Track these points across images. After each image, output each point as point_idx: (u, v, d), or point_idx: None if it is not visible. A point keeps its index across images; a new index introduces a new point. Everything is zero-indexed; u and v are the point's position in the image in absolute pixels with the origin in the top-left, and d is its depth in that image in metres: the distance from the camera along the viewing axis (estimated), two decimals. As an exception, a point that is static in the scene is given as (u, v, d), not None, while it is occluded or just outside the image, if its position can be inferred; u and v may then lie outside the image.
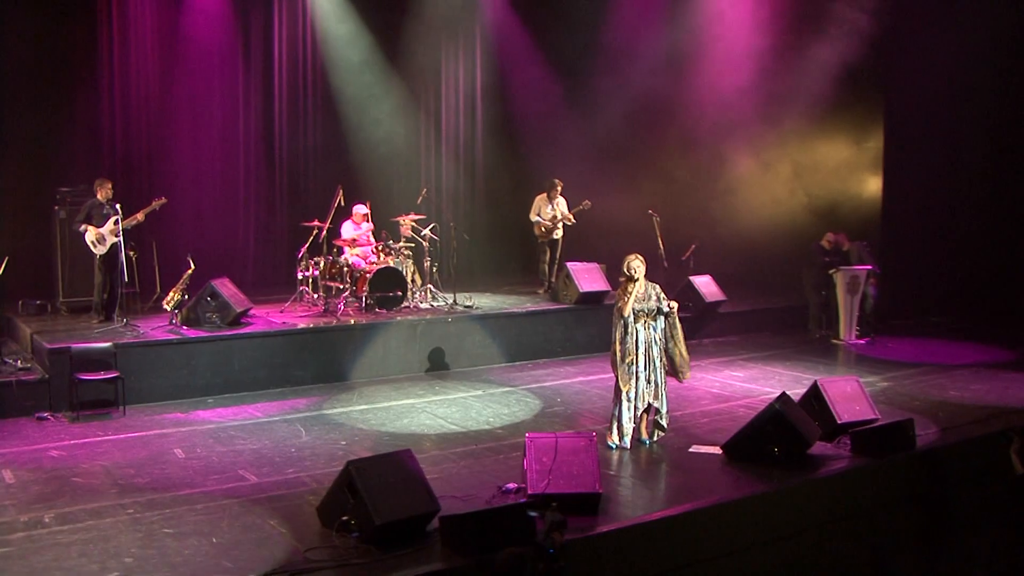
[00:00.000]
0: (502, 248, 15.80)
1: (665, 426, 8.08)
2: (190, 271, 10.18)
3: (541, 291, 13.24)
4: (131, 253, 10.68)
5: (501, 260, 15.76)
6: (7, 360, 9.23)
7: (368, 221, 12.21)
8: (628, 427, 7.88)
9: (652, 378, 7.83)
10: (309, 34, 14.49)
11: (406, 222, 12.21)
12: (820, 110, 14.15)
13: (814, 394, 8.26)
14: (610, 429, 7.96)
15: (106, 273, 10.36)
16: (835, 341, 12.91)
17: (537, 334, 11.91)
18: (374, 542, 5.55)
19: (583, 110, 15.52)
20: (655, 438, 8.07)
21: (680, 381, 8.12)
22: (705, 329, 13.20)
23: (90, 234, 10.21)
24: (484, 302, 12.42)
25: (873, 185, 14.63)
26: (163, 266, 11.61)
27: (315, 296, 11.45)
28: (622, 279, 7.94)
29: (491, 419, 8.88)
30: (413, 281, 12.01)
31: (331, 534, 5.70)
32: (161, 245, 11.81)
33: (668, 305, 7.96)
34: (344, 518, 5.70)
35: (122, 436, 8.11)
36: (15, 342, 10.55)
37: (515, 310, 12.07)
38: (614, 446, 7.87)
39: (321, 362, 10.30)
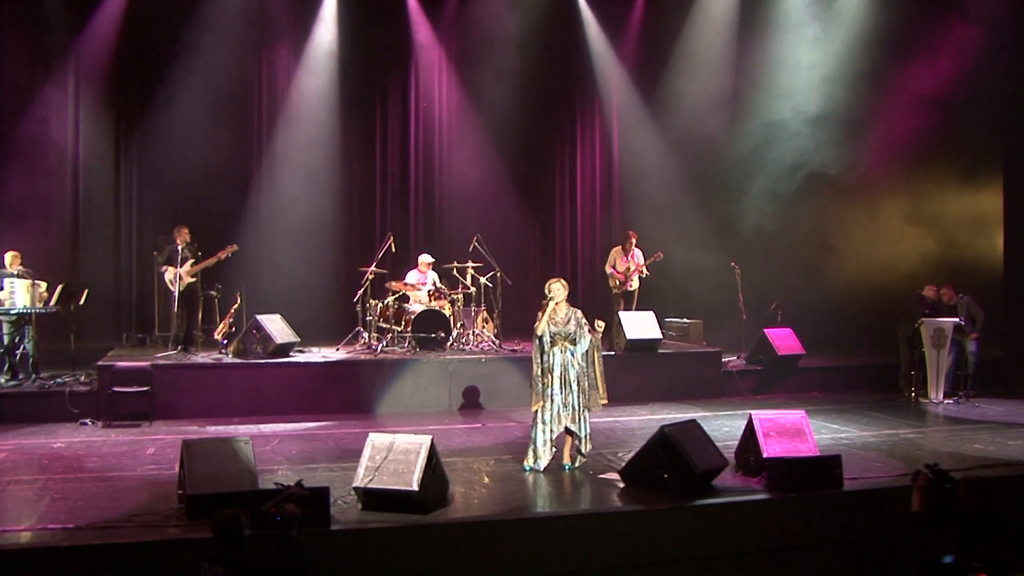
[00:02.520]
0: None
1: (584, 452, 8.28)
2: (236, 305, 11.75)
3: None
4: (213, 292, 12.47)
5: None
6: (77, 375, 11.14)
7: (432, 270, 13.25)
8: (543, 450, 8.19)
9: (569, 402, 8.13)
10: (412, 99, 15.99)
11: (469, 269, 13.11)
12: (930, 151, 13.43)
13: (748, 427, 8.13)
14: (527, 452, 8.30)
15: (183, 309, 12.18)
16: (922, 400, 12.07)
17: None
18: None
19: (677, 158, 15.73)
20: (576, 463, 8.29)
21: (589, 410, 8.28)
22: (782, 382, 12.86)
23: (168, 274, 12.11)
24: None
25: (994, 235, 13.54)
26: (249, 305, 13.25)
27: (369, 336, 12.58)
28: (544, 301, 8.35)
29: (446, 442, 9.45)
30: (463, 325, 12.82)
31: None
32: (252, 286, 13.48)
33: (588, 331, 8.24)
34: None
35: (122, 438, 9.56)
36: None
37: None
38: (527, 468, 8.20)
39: (350, 393, 11.34)
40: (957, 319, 12.11)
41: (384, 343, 12.31)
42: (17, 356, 11.09)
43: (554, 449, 8.25)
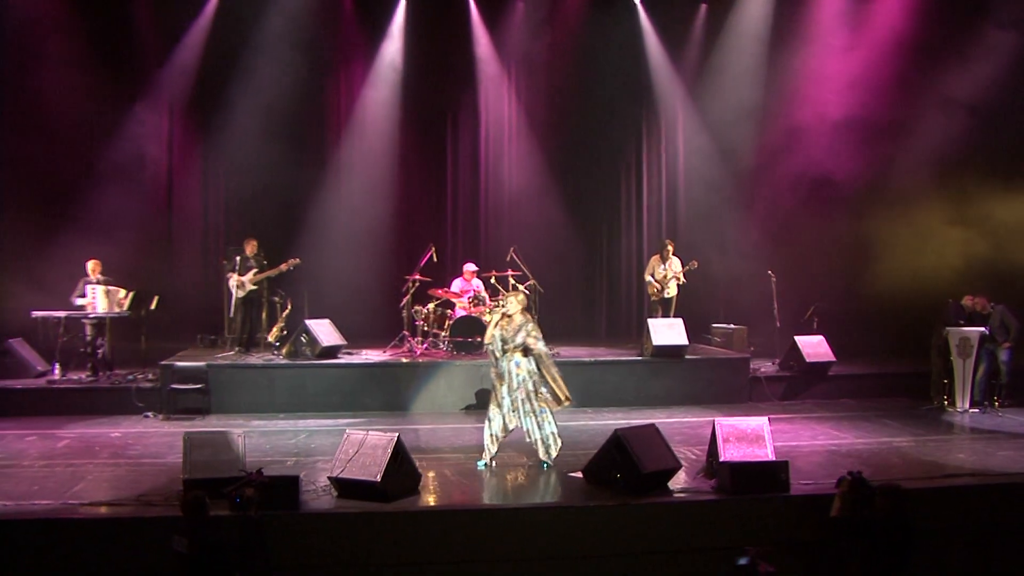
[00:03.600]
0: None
1: (550, 452, 9.02)
2: (287, 311, 13.01)
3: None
4: (276, 299, 13.81)
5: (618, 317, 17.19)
6: (146, 373, 12.61)
7: (477, 278, 14.20)
8: (490, 447, 9.06)
9: (518, 406, 8.92)
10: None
11: (509, 278, 14.01)
12: (968, 156, 13.51)
13: (712, 433, 8.71)
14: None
15: (245, 313, 13.54)
16: (949, 408, 12.23)
17: (607, 383, 12.91)
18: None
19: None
20: (551, 461, 9.05)
21: (552, 413, 9.06)
22: (811, 389, 13.23)
23: (232, 280, 13.49)
24: (570, 352, 13.70)
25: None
26: (310, 309, 14.53)
27: (412, 340, 13.61)
28: (493, 312, 9.29)
29: (452, 439, 10.40)
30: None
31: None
32: (313, 291, 14.77)
33: (536, 343, 8.98)
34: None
35: (172, 430, 10.85)
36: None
37: (585, 358, 13.23)
38: (480, 464, 9.06)
39: (387, 393, 12.41)
40: (983, 329, 12.18)
41: (425, 346, 13.33)
42: (99, 355, 12.65)
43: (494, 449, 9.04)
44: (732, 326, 14.78)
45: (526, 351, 8.96)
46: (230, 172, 16.34)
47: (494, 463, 9.05)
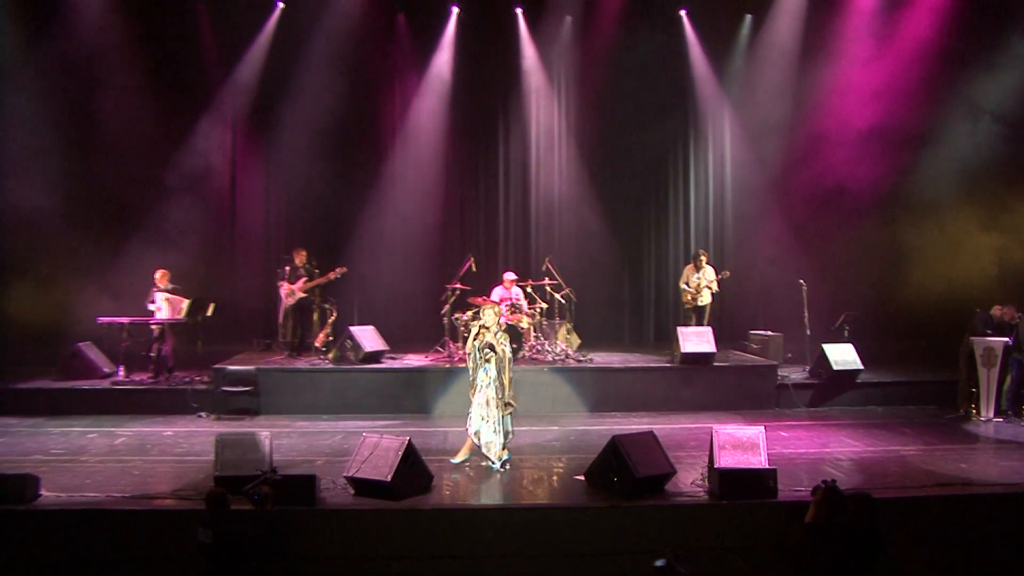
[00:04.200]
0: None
1: (492, 456, 9.73)
2: (333, 317, 13.88)
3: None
4: (327, 306, 14.69)
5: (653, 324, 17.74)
6: (202, 376, 13.59)
7: (516, 286, 14.84)
8: (465, 444, 9.92)
9: (476, 410, 9.78)
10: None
11: (547, 286, 14.63)
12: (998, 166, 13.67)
13: (710, 440, 9.20)
14: None
15: (295, 320, 14.46)
16: (974, 418, 12.43)
17: (637, 389, 13.44)
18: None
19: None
20: (498, 463, 9.76)
21: (503, 417, 9.78)
22: (839, 397, 13.52)
23: (283, 289, 14.41)
24: (604, 358, 14.25)
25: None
26: (360, 315, 15.39)
27: (455, 346, 14.33)
28: (472, 323, 10.13)
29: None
30: (538, 337, 14.31)
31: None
32: (363, 298, 15.65)
33: (503, 350, 9.80)
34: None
35: (221, 430, 11.69)
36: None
37: (617, 364, 13.77)
38: (454, 461, 9.91)
39: (422, 396, 13.14)
40: (1007, 339, 12.33)
41: (463, 352, 14.01)
42: (160, 358, 13.69)
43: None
44: (769, 333, 15.16)
45: (493, 350, 9.71)
46: (289, 183, 17.32)
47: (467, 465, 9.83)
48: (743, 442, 9.08)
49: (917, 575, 7.90)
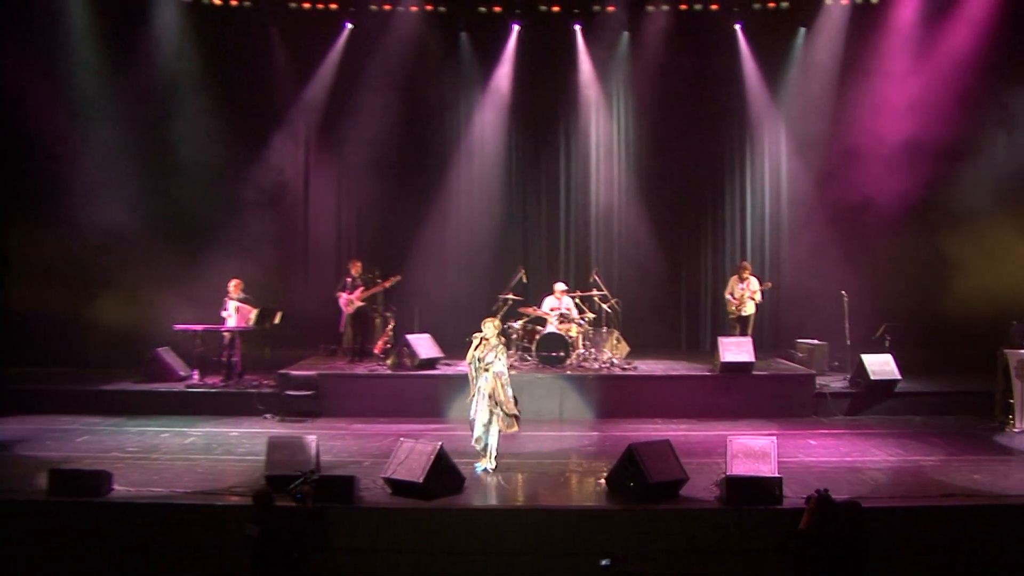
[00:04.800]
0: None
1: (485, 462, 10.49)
2: (391, 326, 14.81)
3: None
4: (388, 315, 15.63)
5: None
6: (270, 379, 14.65)
7: (567, 296, 15.54)
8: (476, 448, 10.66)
9: (476, 415, 10.53)
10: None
11: (595, 297, 15.32)
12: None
13: (726, 449, 9.80)
14: None
15: (355, 327, 15.44)
16: (1008, 429, 12.66)
17: (678, 396, 14.02)
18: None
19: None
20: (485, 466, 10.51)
21: (500, 430, 10.53)
22: (877, 406, 13.87)
23: (342, 299, 15.40)
24: (648, 366, 14.87)
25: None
26: (421, 322, 16.30)
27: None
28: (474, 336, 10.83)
29: (518, 446, 11.84)
30: (586, 346, 14.98)
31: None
32: (423, 306, 16.59)
33: (493, 361, 10.53)
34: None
35: (283, 431, 12.75)
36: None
37: (658, 373, 14.38)
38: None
39: (473, 401, 13.97)
40: (1038, 352, 12.56)
41: (514, 360, 14.80)
42: (231, 363, 14.80)
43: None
44: (815, 342, 15.54)
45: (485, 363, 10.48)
46: (358, 196, 18.42)
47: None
48: (755, 451, 9.65)
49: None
